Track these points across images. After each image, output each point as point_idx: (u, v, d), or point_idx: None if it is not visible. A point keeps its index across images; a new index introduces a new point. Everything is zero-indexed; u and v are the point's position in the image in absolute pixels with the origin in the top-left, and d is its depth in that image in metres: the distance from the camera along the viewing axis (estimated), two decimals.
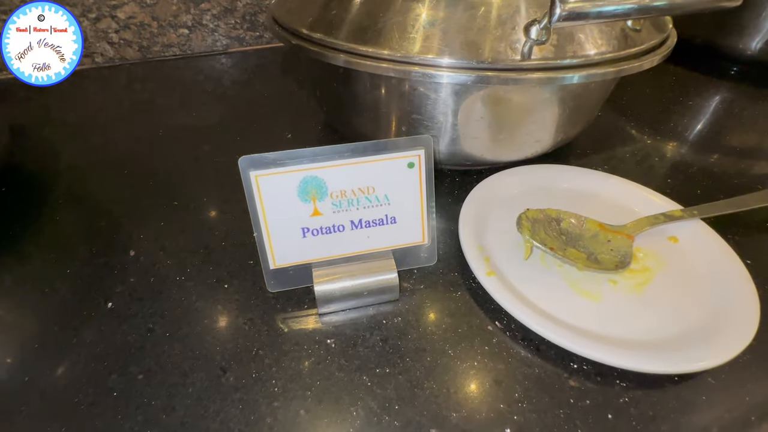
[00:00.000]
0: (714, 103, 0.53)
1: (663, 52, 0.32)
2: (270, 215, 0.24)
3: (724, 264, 0.28)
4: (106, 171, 0.41)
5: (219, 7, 0.62)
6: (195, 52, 0.65)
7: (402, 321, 0.26)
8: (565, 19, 0.22)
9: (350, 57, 0.29)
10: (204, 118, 0.49)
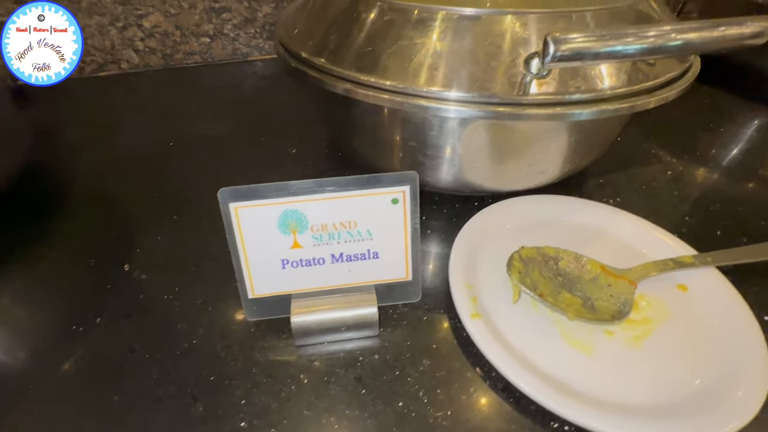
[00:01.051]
0: (749, 131, 0.50)
1: (682, 85, 0.30)
2: (249, 246, 0.24)
3: (735, 320, 0.26)
4: (118, 179, 0.42)
5: (240, 17, 0.63)
6: (216, 60, 0.66)
7: (379, 359, 0.25)
8: (559, 60, 0.20)
9: (351, 86, 0.29)
10: (216, 128, 0.50)
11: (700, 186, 0.40)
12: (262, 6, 0.63)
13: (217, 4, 0.61)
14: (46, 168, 0.46)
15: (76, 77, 0.61)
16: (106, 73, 0.62)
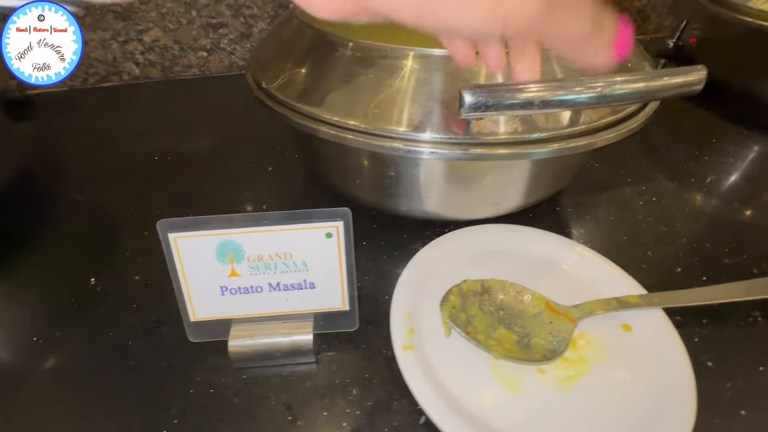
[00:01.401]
0: (736, 161, 0.48)
1: (642, 119, 0.30)
2: (189, 273, 0.25)
3: (669, 365, 0.26)
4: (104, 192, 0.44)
5: (236, 33, 0.65)
6: (213, 73, 0.68)
7: (312, 386, 0.26)
8: (475, 110, 0.21)
9: (312, 123, 0.30)
10: (201, 140, 0.52)
11: (666, 219, 0.40)
12: (258, 22, 0.65)
13: (213, 20, 0.63)
14: (38, 178, 0.49)
15: (80, 87, 0.64)
16: (108, 84, 0.65)
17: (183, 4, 0.61)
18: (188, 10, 0.61)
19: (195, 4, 0.61)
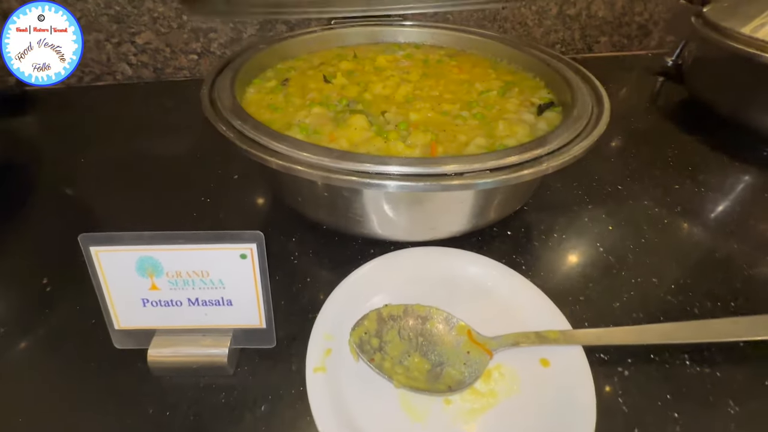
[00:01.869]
0: (708, 192, 0.47)
1: (570, 156, 0.30)
2: (111, 285, 0.26)
3: (575, 406, 0.26)
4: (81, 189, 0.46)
5: (226, 37, 0.67)
6: (204, 75, 0.70)
7: (224, 399, 0.27)
8: None
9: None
10: (179, 144, 0.54)
11: (617, 251, 0.39)
12: (247, 28, 0.67)
13: (204, 25, 0.65)
14: (21, 170, 0.51)
15: (75, 85, 0.67)
16: (102, 83, 0.68)
17: (173, 9, 0.63)
18: (179, 15, 0.63)
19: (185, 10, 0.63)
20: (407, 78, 0.46)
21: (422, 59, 0.51)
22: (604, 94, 0.37)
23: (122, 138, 0.55)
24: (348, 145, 0.33)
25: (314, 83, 0.43)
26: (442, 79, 0.46)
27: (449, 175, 0.27)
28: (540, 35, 0.78)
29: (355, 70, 0.47)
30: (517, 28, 0.76)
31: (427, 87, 0.44)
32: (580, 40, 0.81)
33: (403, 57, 0.51)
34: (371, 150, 0.33)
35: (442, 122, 0.37)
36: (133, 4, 0.61)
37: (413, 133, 0.34)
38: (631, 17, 0.79)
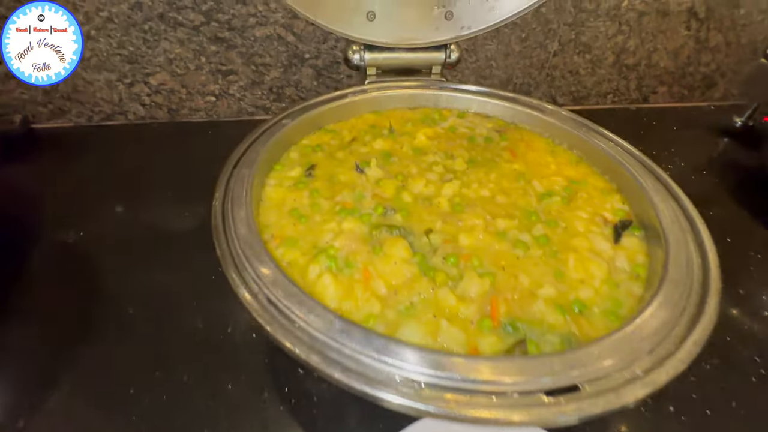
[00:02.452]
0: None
1: None
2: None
3: None
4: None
5: (246, 80, 0.61)
6: (221, 117, 0.65)
7: None
8: None
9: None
10: (166, 186, 0.50)
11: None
12: (270, 71, 0.61)
13: (224, 67, 0.59)
14: (22, 220, 0.47)
15: (84, 125, 0.62)
16: (113, 123, 0.63)
17: (191, 51, 0.57)
18: (197, 56, 0.58)
19: (204, 52, 0.57)
20: (452, 167, 0.39)
21: (467, 135, 0.44)
22: (707, 237, 0.30)
23: (128, 193, 0.50)
24: (386, 289, 0.27)
25: (344, 173, 0.37)
26: (493, 171, 0.39)
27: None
28: (591, 84, 0.70)
29: (392, 151, 0.41)
30: (567, 77, 0.69)
31: (475, 182, 0.37)
32: (636, 90, 0.73)
33: (446, 131, 0.45)
34: (416, 300, 0.27)
35: (498, 253, 0.30)
36: (147, 45, 0.56)
37: (466, 275, 0.28)
38: (696, 67, 0.71)
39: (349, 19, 0.45)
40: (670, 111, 0.74)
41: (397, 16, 0.46)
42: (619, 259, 0.31)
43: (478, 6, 0.47)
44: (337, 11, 0.45)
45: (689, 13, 0.64)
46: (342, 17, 0.45)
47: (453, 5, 0.47)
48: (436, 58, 0.49)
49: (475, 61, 0.64)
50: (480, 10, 0.47)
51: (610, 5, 0.61)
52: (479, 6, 0.47)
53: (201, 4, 0.53)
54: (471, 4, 0.47)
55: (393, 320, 0.26)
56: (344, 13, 0.45)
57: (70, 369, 0.33)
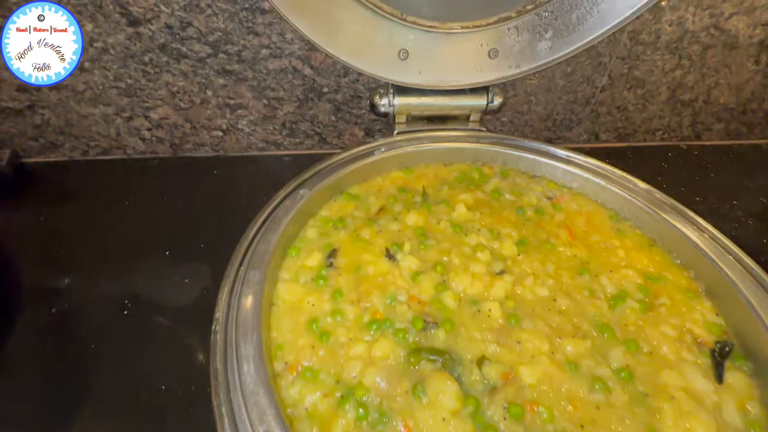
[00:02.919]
0: None
1: None
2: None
3: None
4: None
5: (257, 114, 0.55)
6: (228, 152, 0.59)
7: None
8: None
9: None
10: (165, 237, 0.45)
11: None
12: (284, 105, 0.54)
13: (232, 101, 0.53)
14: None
15: (79, 159, 0.56)
16: (110, 157, 0.57)
17: (197, 84, 0.51)
18: (203, 89, 0.51)
19: (211, 85, 0.51)
20: (500, 252, 0.33)
21: (515, 204, 0.38)
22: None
23: (122, 239, 0.45)
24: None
25: (373, 261, 0.31)
26: (550, 257, 0.32)
27: None
28: (640, 121, 0.63)
29: (427, 228, 0.34)
30: (613, 113, 0.61)
31: (531, 275, 0.31)
32: (689, 128, 0.65)
33: (489, 196, 0.38)
34: None
35: (572, 397, 0.24)
36: (148, 78, 0.49)
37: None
38: (759, 104, 0.63)
39: (377, 56, 0.39)
40: (725, 150, 0.66)
41: (433, 55, 0.40)
42: (726, 409, 0.24)
43: (527, 43, 0.40)
44: (363, 46, 0.38)
45: (760, 46, 0.56)
46: (369, 54, 0.39)
47: (499, 42, 0.40)
48: (477, 103, 0.43)
49: (513, 96, 0.57)
50: (530, 47, 0.40)
51: (672, 38, 0.53)
52: (529, 43, 0.40)
53: (208, 35, 0.47)
54: (520, 41, 0.40)
55: None
56: (372, 50, 0.38)
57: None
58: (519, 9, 0.38)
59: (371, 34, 0.37)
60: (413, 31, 0.37)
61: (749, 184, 0.59)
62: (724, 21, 0.53)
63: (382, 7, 0.35)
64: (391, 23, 0.37)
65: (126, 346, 0.37)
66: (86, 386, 0.34)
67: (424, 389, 0.24)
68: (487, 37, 0.39)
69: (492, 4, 0.38)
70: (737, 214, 0.54)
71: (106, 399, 0.33)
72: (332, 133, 0.59)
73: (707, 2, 0.51)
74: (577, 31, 0.38)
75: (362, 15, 0.36)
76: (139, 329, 0.38)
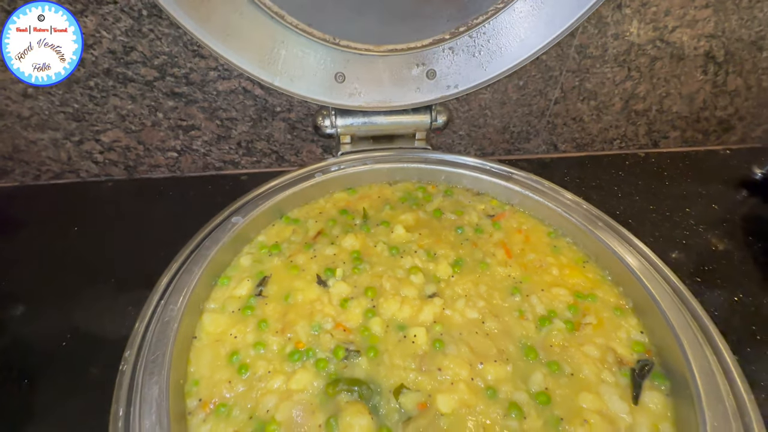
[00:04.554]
0: None
1: None
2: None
3: None
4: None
5: (211, 134, 0.55)
6: (185, 173, 0.58)
7: None
8: None
9: None
10: (113, 265, 0.44)
11: None
12: (237, 125, 0.54)
13: (184, 122, 0.53)
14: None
15: (31, 183, 0.56)
16: (64, 181, 0.56)
17: (146, 107, 0.50)
18: (152, 112, 0.51)
19: (161, 107, 0.51)
20: (434, 273, 0.33)
21: (455, 223, 0.38)
22: (749, 399, 0.24)
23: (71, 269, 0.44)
24: None
25: (303, 289, 0.31)
26: (484, 278, 0.33)
27: None
28: (597, 131, 0.64)
29: (364, 252, 0.34)
30: (569, 124, 0.62)
31: (462, 296, 0.31)
32: (645, 136, 0.66)
33: (430, 216, 0.38)
34: None
35: (485, 425, 0.24)
36: (95, 102, 0.49)
37: None
38: (711, 111, 0.64)
39: (314, 81, 0.39)
40: (682, 157, 0.67)
41: (370, 77, 0.40)
42: (640, 430, 0.24)
43: (464, 63, 0.40)
44: (298, 72, 0.38)
45: (706, 57, 0.57)
46: (305, 79, 0.38)
47: (436, 63, 0.40)
48: (421, 122, 0.43)
49: (467, 110, 0.58)
50: (467, 67, 0.41)
51: (619, 51, 0.54)
52: (465, 63, 0.40)
53: (153, 59, 0.47)
54: (456, 62, 0.40)
55: None
56: (307, 75, 0.38)
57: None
58: (453, 31, 0.38)
59: (305, 59, 0.37)
60: (348, 55, 0.37)
61: (703, 191, 0.60)
62: (669, 34, 0.54)
63: (314, 32, 0.36)
64: (324, 48, 0.37)
65: (61, 381, 0.36)
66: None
67: (337, 423, 0.23)
68: (423, 58, 0.40)
69: (426, 27, 0.38)
70: (689, 222, 0.54)
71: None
72: (289, 150, 0.58)
73: (650, 17, 0.52)
74: (509, 52, 0.38)
75: (296, 41, 0.36)
76: (74, 365, 0.37)
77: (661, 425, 0.24)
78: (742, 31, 0.55)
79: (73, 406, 0.34)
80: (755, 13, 0.54)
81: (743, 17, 0.54)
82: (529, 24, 0.37)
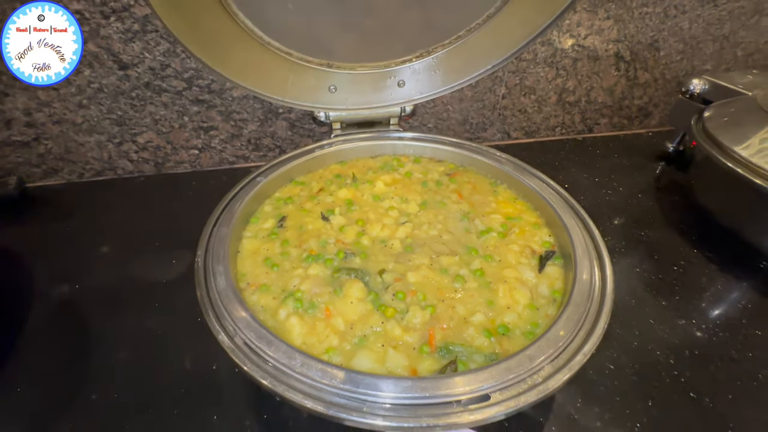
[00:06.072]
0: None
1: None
2: None
3: None
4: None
5: (226, 134, 0.67)
6: (204, 168, 0.71)
7: None
8: None
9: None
10: (153, 236, 0.55)
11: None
12: (248, 125, 0.67)
13: (205, 124, 0.66)
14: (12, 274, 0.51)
15: (76, 181, 0.67)
16: (103, 178, 0.68)
17: (175, 112, 0.63)
18: (180, 116, 0.64)
19: (187, 112, 0.64)
20: (406, 211, 0.45)
21: (421, 180, 0.50)
22: (608, 262, 0.36)
23: (119, 242, 0.55)
24: (344, 325, 0.33)
25: (312, 222, 0.43)
26: (442, 212, 0.45)
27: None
28: (540, 120, 0.78)
29: (354, 199, 0.47)
30: (517, 115, 0.77)
31: (426, 223, 0.43)
32: (581, 123, 0.81)
33: (403, 176, 0.51)
34: (368, 332, 0.32)
35: (440, 287, 0.36)
36: (135, 109, 0.62)
37: (411, 309, 0.34)
38: (630, 101, 0.80)
39: (314, 94, 0.52)
40: (613, 139, 0.82)
41: (356, 88, 0.53)
42: (541, 286, 0.37)
43: (427, 78, 0.54)
44: (302, 90, 0.51)
45: (616, 57, 0.73)
46: (308, 95, 0.52)
47: (405, 76, 0.54)
48: (393, 112, 0.56)
49: (433, 107, 0.72)
50: (429, 80, 0.54)
51: (547, 55, 0.69)
52: (428, 78, 0.54)
53: (183, 73, 0.60)
54: (421, 76, 0.54)
55: (348, 351, 0.31)
56: (309, 91, 0.52)
57: (72, 415, 0.37)
58: (417, 54, 0.52)
59: (307, 81, 0.50)
60: (339, 73, 0.51)
61: (626, 163, 0.74)
62: (583, 40, 0.70)
63: (313, 61, 0.49)
64: (321, 71, 0.50)
65: (130, 310, 0.47)
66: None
67: (342, 289, 0.35)
68: (395, 73, 0.53)
69: (398, 51, 0.52)
70: (613, 185, 0.68)
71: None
72: (290, 145, 0.71)
73: (566, 27, 0.67)
74: (461, 70, 0.52)
75: (301, 70, 0.49)
76: (139, 296, 0.48)
77: (556, 283, 0.37)
78: (640, 36, 0.71)
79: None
80: (647, 22, 0.70)
81: (638, 25, 0.69)
82: (480, 50, 0.51)
